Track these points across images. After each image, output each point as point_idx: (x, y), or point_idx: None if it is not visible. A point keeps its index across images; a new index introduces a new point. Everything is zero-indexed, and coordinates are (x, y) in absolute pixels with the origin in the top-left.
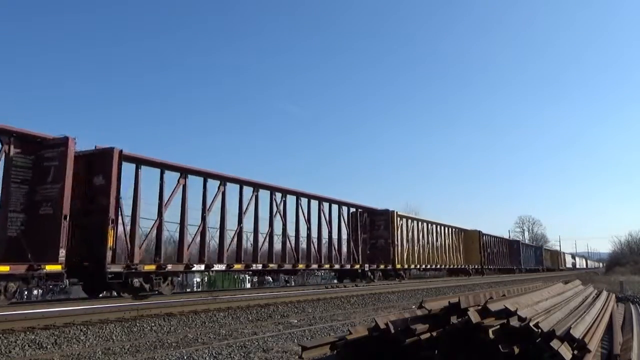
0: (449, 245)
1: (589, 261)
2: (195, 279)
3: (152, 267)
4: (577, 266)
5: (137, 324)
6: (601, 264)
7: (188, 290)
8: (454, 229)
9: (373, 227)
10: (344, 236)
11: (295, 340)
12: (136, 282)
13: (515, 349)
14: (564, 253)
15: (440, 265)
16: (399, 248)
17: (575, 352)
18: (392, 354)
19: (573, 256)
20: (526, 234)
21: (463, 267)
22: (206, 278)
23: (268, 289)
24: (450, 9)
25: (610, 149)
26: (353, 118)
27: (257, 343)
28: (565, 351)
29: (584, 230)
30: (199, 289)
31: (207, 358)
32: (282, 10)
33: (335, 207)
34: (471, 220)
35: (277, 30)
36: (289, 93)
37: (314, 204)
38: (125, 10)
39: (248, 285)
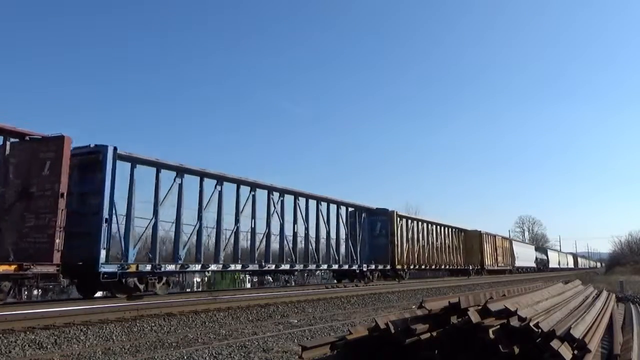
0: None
1: (580, 259)
2: (195, 279)
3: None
4: (555, 265)
5: (137, 324)
6: (599, 264)
7: (188, 290)
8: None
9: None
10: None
11: (295, 340)
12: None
13: (515, 349)
14: (510, 240)
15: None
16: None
17: (576, 352)
18: (392, 354)
19: (543, 249)
20: (526, 234)
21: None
22: (206, 278)
23: (268, 289)
24: (450, 9)
25: (611, 149)
26: (353, 117)
27: (257, 343)
28: (566, 351)
29: (584, 230)
30: (199, 289)
31: (207, 358)
32: (282, 10)
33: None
34: (471, 220)
35: (277, 29)
36: (289, 92)
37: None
38: (124, 11)
39: (248, 285)
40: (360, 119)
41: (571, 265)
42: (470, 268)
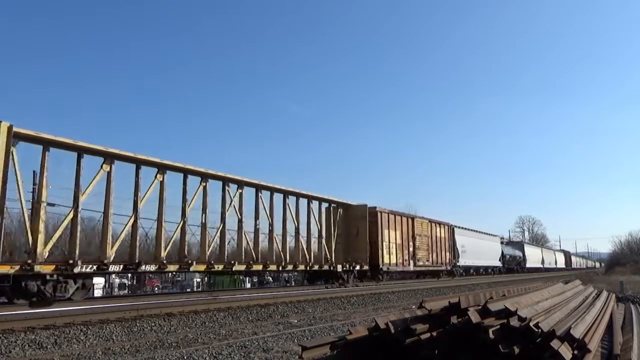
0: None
1: (575, 258)
2: (195, 279)
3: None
4: (537, 265)
5: (137, 324)
6: (598, 264)
7: (188, 290)
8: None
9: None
10: None
11: (295, 340)
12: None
13: (515, 349)
14: (449, 227)
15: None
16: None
17: (575, 352)
18: (392, 354)
19: (518, 243)
20: (526, 234)
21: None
22: (206, 278)
23: (268, 289)
24: (453, 10)
25: (611, 149)
26: (354, 118)
27: (257, 343)
28: (566, 351)
29: (584, 230)
30: (199, 289)
31: (207, 358)
32: (284, 10)
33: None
34: (472, 220)
35: (279, 30)
36: (291, 93)
37: None
38: (125, 11)
39: (248, 285)
40: (361, 119)
41: (562, 264)
42: (341, 270)
